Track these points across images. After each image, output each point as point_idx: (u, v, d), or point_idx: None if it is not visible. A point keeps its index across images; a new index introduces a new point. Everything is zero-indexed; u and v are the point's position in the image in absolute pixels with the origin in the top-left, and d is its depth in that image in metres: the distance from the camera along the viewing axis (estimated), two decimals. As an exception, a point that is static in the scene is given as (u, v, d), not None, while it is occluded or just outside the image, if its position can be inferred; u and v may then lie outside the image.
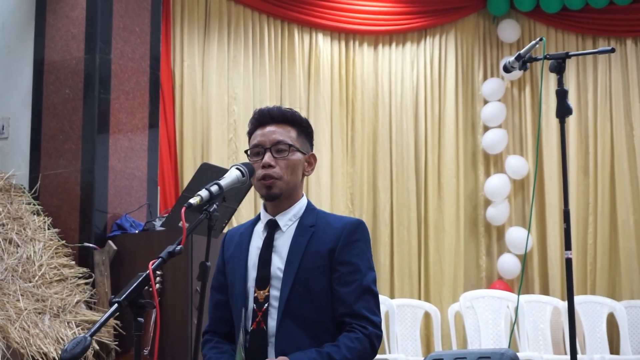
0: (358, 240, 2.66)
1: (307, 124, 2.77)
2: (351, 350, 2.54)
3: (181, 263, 4.87)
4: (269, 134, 2.69)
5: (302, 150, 2.72)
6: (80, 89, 5.48)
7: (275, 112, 2.73)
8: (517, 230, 8.01)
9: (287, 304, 2.59)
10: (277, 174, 2.65)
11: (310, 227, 2.67)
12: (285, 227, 2.69)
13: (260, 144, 2.69)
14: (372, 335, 2.58)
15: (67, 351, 2.00)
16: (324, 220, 2.71)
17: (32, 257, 4.94)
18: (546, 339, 7.10)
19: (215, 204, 2.42)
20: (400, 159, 8.04)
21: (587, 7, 8.12)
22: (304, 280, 2.60)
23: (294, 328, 2.59)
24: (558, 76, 3.56)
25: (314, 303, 2.60)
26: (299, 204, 2.73)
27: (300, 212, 2.72)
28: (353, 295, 2.60)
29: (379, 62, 8.15)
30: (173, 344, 4.87)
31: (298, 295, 2.59)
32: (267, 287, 2.63)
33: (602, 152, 8.00)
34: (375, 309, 2.63)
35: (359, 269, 2.63)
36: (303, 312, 2.60)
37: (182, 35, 7.11)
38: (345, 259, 2.63)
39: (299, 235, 2.67)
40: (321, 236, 2.66)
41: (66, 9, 5.62)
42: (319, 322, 2.61)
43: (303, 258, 2.62)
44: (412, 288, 7.85)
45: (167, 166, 6.64)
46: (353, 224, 2.69)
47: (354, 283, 2.61)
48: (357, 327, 2.58)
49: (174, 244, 2.28)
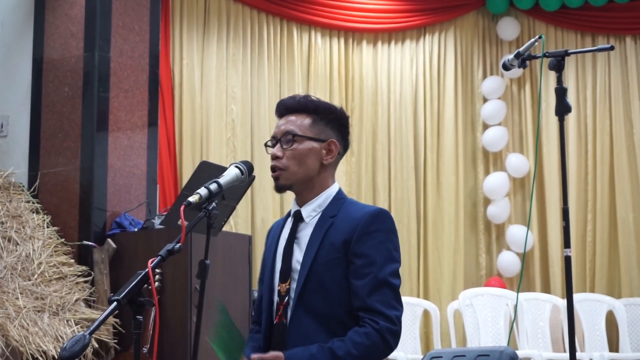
0: (376, 231, 2.58)
1: (326, 110, 2.69)
2: (357, 346, 2.48)
3: (180, 261, 4.87)
4: (282, 125, 2.67)
5: (318, 137, 2.65)
6: (79, 87, 5.47)
7: (288, 102, 2.70)
8: (517, 228, 8.00)
9: (300, 297, 2.56)
10: (283, 164, 2.62)
11: (330, 218, 2.62)
12: (308, 219, 2.66)
13: (274, 136, 2.69)
14: (384, 330, 2.49)
15: (67, 349, 2.00)
16: (346, 210, 2.63)
17: (31, 255, 4.94)
18: (545, 337, 7.10)
19: (215, 202, 2.41)
20: (399, 157, 8.03)
21: (586, 5, 8.12)
22: (318, 273, 2.56)
23: (308, 322, 2.55)
24: (557, 74, 3.56)
25: (328, 296, 2.55)
26: (325, 194, 2.67)
27: (325, 203, 2.66)
28: (367, 288, 2.52)
29: (378, 60, 8.14)
30: (172, 342, 4.87)
31: (312, 288, 2.55)
32: (287, 280, 2.61)
33: (601, 149, 8.00)
34: (393, 302, 2.53)
35: (374, 261, 2.54)
36: (316, 305, 2.55)
37: (181, 33, 7.10)
38: (360, 250, 2.56)
39: (318, 226, 2.62)
40: (339, 227, 2.59)
41: (65, 7, 5.62)
42: (333, 316, 2.55)
43: (319, 250, 2.58)
44: (412, 286, 7.85)
45: (166, 164, 6.64)
46: (371, 214, 2.60)
47: (368, 276, 2.53)
48: (368, 321, 2.51)
49: (173, 242, 2.28)
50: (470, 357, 2.73)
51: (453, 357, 2.79)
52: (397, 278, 2.58)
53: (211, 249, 2.41)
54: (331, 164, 2.68)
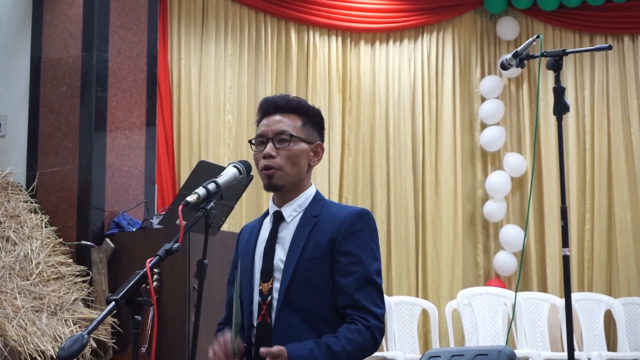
0: (361, 231, 2.61)
1: (314, 113, 2.72)
2: (351, 342, 2.50)
3: (178, 261, 4.87)
4: (272, 124, 2.67)
5: (308, 139, 2.68)
6: (77, 86, 5.47)
7: (280, 101, 2.71)
8: (511, 228, 8.01)
9: (285, 296, 2.56)
10: (278, 164, 2.62)
11: (313, 218, 2.64)
12: (289, 218, 2.67)
13: (263, 134, 2.67)
14: (374, 327, 2.53)
15: (65, 349, 2.00)
16: (329, 210, 2.66)
17: (30, 255, 4.94)
18: (544, 336, 7.10)
19: (213, 202, 2.41)
20: (397, 157, 8.03)
21: (584, 5, 8.13)
22: (304, 271, 2.57)
23: (293, 320, 2.56)
24: (555, 73, 3.56)
25: (314, 294, 2.57)
26: (304, 194, 2.69)
27: (306, 203, 2.68)
28: (353, 286, 2.55)
29: (376, 59, 8.14)
30: (170, 342, 4.87)
31: (297, 286, 2.56)
32: (270, 279, 2.61)
33: (599, 149, 8.01)
34: (377, 301, 2.58)
35: (360, 259, 2.57)
36: (302, 304, 2.56)
37: (179, 33, 7.10)
38: (346, 249, 2.58)
39: (301, 226, 2.63)
40: (323, 226, 2.62)
41: (63, 7, 5.61)
42: (319, 314, 2.57)
43: (304, 249, 2.59)
44: (410, 285, 7.85)
45: (165, 164, 6.64)
46: (356, 214, 2.63)
47: (354, 274, 2.56)
48: (358, 318, 2.53)
49: (172, 242, 2.28)
50: (469, 356, 2.73)
51: (451, 357, 2.79)
52: (380, 277, 2.63)
53: (209, 248, 2.41)
54: (312, 167, 2.73)
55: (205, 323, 3.81)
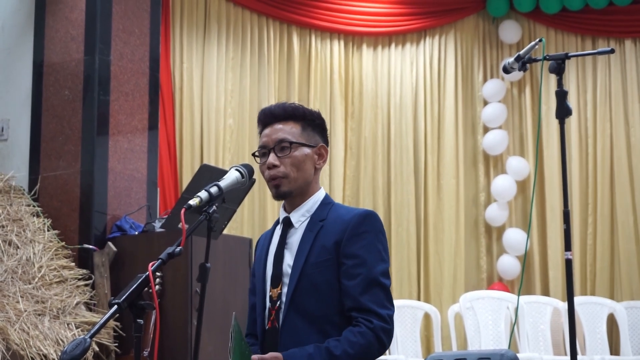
0: (365, 232, 2.60)
1: (312, 116, 2.73)
2: (353, 345, 2.49)
3: (181, 264, 4.87)
4: (272, 134, 2.69)
5: (310, 143, 2.68)
6: (79, 90, 5.47)
7: (276, 110, 2.71)
8: (514, 231, 8.01)
9: (292, 300, 2.57)
10: (283, 172, 2.64)
11: (320, 222, 2.65)
12: (297, 224, 2.68)
13: (265, 145, 2.70)
14: (378, 329, 2.52)
15: (67, 353, 1.99)
16: (336, 213, 2.67)
17: (32, 258, 4.94)
18: (546, 340, 7.09)
19: (215, 205, 2.42)
20: (399, 160, 8.04)
21: (586, 8, 8.13)
22: (310, 274, 2.57)
23: (299, 323, 2.56)
24: (558, 77, 3.56)
25: (320, 298, 2.57)
26: (312, 199, 2.70)
27: (313, 207, 2.69)
28: (358, 288, 2.55)
29: (378, 63, 8.15)
30: (173, 346, 4.86)
31: (303, 290, 2.57)
32: (279, 285, 2.62)
33: (601, 152, 8.01)
34: (384, 302, 2.56)
35: (365, 261, 2.57)
36: (309, 307, 2.57)
37: (181, 37, 7.11)
38: (351, 251, 2.58)
39: (308, 230, 2.64)
40: (329, 230, 2.62)
41: (65, 11, 5.62)
42: (326, 318, 2.57)
43: (309, 253, 2.60)
44: (412, 289, 7.85)
45: (167, 168, 6.64)
46: (360, 216, 2.63)
47: (359, 276, 2.55)
48: (362, 320, 2.53)
49: (174, 246, 2.28)
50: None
51: (454, 360, 2.78)
52: (387, 278, 2.61)
53: (212, 252, 2.42)
54: (319, 169, 2.73)
55: (207, 326, 3.81)
